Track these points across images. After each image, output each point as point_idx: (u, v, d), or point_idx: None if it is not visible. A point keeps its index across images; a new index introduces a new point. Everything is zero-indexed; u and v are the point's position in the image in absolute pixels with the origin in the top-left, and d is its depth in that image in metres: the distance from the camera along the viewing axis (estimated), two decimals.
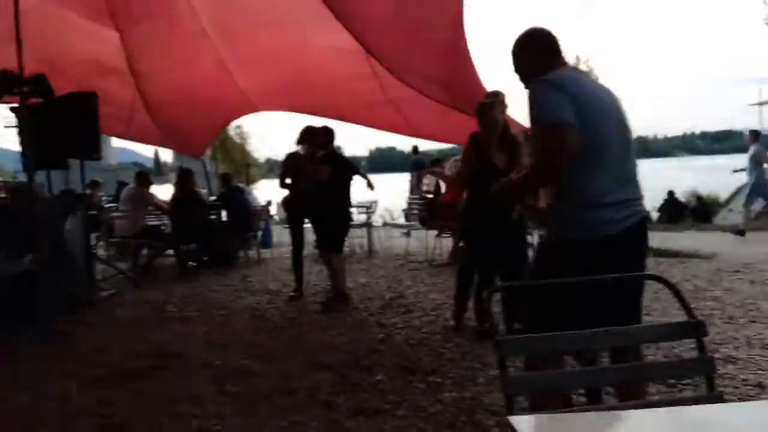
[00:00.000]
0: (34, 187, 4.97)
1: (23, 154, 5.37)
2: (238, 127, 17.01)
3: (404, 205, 12.10)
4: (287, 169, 5.85)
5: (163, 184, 15.42)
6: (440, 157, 11.81)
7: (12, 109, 5.58)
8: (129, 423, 3.01)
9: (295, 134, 5.61)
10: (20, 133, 5.46)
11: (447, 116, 5.74)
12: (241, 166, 16.83)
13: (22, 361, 4.07)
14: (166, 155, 23.46)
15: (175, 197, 8.04)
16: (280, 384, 3.47)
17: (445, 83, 5.24)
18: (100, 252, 7.98)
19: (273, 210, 11.00)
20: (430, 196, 8.52)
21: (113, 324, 5.06)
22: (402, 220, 11.93)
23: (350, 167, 5.61)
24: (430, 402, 3.13)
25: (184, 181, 8.00)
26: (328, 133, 5.50)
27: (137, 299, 5.98)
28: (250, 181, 15.64)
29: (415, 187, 11.97)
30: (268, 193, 12.94)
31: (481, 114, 4.16)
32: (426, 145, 12.90)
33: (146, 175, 8.47)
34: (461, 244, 5.74)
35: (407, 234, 10.06)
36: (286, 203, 6.12)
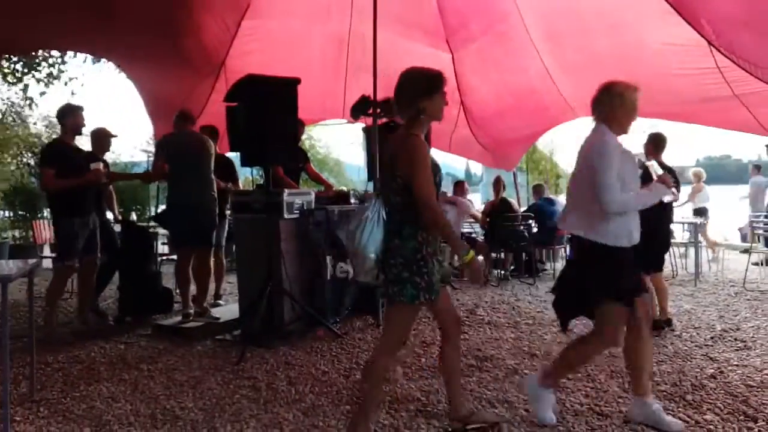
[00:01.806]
0: (375, 193, 5.78)
1: (368, 166, 6.34)
2: (549, 139, 16.86)
3: (741, 223, 10.55)
4: None
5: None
6: None
7: (364, 129, 6.65)
8: (446, 413, 3.19)
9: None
10: (367, 149, 6.45)
11: None
12: (551, 177, 16.64)
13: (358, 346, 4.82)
14: (476, 167, 24.67)
15: (492, 204, 8.50)
16: (590, 403, 3.37)
17: None
18: None
19: None
20: None
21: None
22: (737, 240, 10.36)
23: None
24: None
25: (497, 189, 8.41)
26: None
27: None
28: (559, 192, 15.39)
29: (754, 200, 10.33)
30: None
31: None
32: None
33: (463, 183, 9.18)
34: None
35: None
36: None
